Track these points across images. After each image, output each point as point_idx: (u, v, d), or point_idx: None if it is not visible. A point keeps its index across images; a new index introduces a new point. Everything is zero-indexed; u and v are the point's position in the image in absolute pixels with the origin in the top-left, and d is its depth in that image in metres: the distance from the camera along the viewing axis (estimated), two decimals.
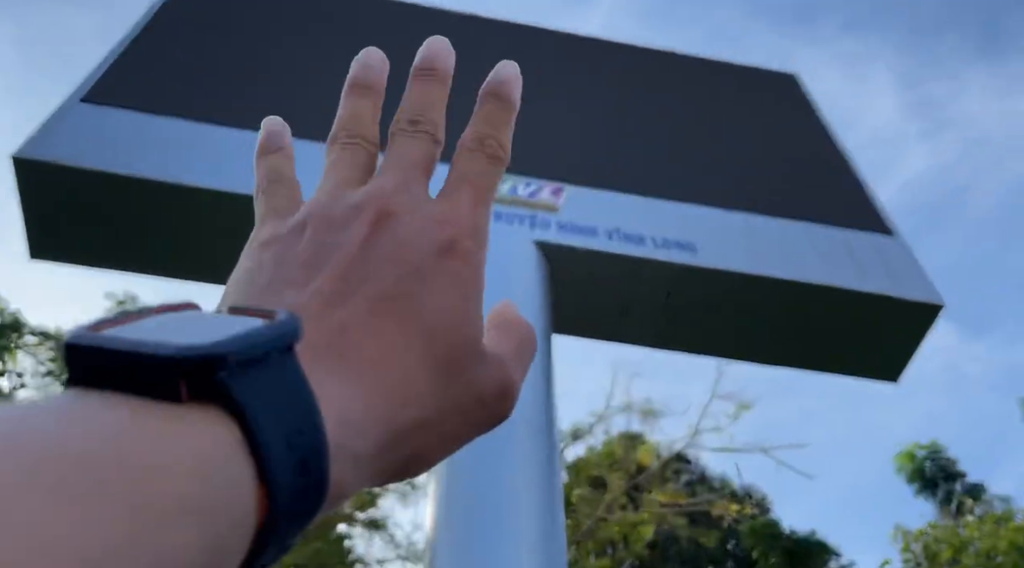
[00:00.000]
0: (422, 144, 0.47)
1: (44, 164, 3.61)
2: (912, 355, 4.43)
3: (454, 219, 0.43)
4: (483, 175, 0.46)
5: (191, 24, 5.00)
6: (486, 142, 0.47)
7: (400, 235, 0.41)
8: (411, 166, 0.45)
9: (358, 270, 0.39)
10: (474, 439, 0.43)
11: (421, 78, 0.50)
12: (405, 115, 0.48)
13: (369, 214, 0.41)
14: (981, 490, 18.75)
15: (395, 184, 0.44)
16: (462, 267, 0.41)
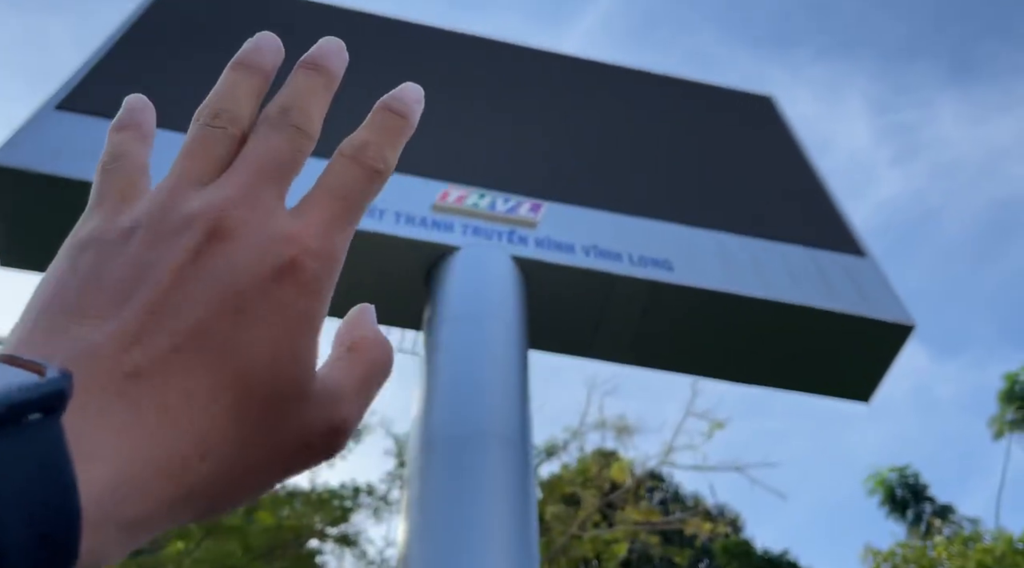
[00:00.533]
0: (287, 139, 0.42)
1: (17, 171, 3.57)
2: (883, 375, 4.48)
3: (301, 238, 0.38)
4: (352, 189, 0.41)
5: (168, 34, 4.99)
6: (367, 150, 0.42)
7: (230, 257, 0.36)
8: (266, 168, 0.40)
9: (172, 300, 0.35)
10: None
11: (306, 70, 0.45)
12: (276, 103, 0.43)
13: (200, 229, 0.37)
14: (950, 511, 18.94)
15: (239, 192, 0.39)
16: (296, 296, 0.37)
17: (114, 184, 0.41)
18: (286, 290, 0.37)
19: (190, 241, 0.36)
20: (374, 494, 14.68)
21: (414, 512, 2.88)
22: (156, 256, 0.36)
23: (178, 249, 0.36)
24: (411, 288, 3.99)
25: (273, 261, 0.37)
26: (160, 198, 0.39)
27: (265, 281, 0.36)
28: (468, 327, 3.50)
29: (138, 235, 0.37)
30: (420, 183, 4.13)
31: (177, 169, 0.41)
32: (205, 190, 0.39)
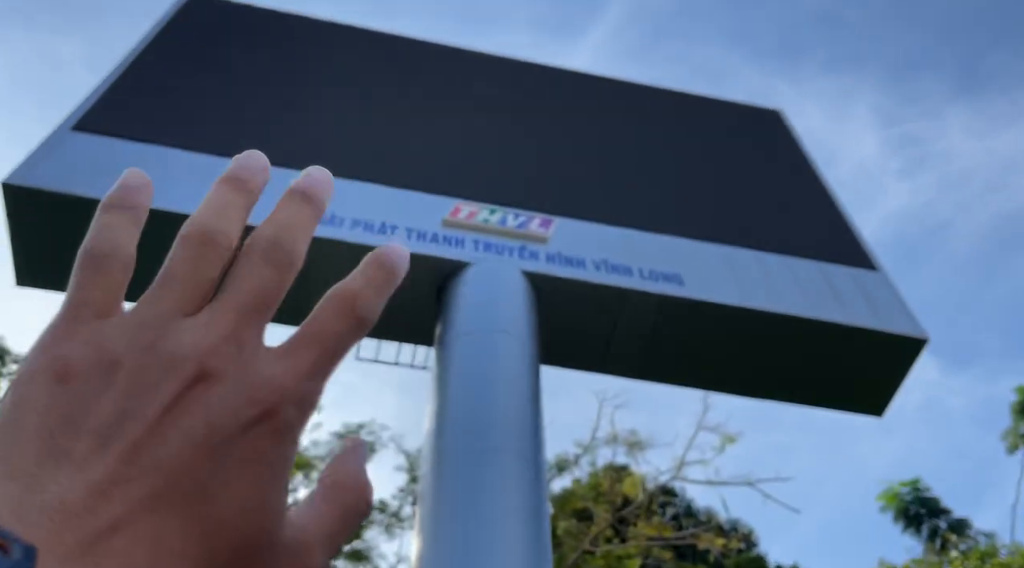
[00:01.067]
0: (275, 273, 0.41)
1: (34, 191, 3.62)
2: (896, 389, 4.46)
3: (281, 386, 0.38)
4: (339, 338, 0.41)
5: (181, 56, 5.05)
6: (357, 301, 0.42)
7: (212, 402, 0.36)
8: (253, 305, 0.40)
9: (150, 448, 0.34)
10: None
11: (297, 200, 0.44)
12: (264, 234, 0.42)
13: (185, 373, 0.36)
14: (965, 525, 18.75)
15: (226, 331, 0.38)
16: (270, 445, 0.37)
17: (94, 294, 0.40)
18: (262, 437, 0.37)
19: (174, 385, 0.36)
20: (386, 510, 14.65)
21: (427, 528, 2.88)
22: (138, 399, 0.35)
23: (162, 393, 0.36)
24: (422, 304, 4.01)
25: (253, 408, 0.37)
26: (145, 332, 0.38)
27: (244, 428, 0.36)
28: (480, 342, 3.51)
29: (120, 374, 0.36)
30: (431, 199, 4.15)
31: (162, 294, 0.40)
32: (191, 325, 0.39)
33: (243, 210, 0.44)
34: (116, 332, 0.38)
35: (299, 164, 4.31)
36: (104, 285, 0.41)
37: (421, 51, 5.74)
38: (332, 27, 5.67)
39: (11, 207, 3.62)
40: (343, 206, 3.99)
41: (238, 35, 5.23)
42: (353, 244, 3.83)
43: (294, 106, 4.69)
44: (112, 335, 0.38)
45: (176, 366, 0.37)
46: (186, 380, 0.36)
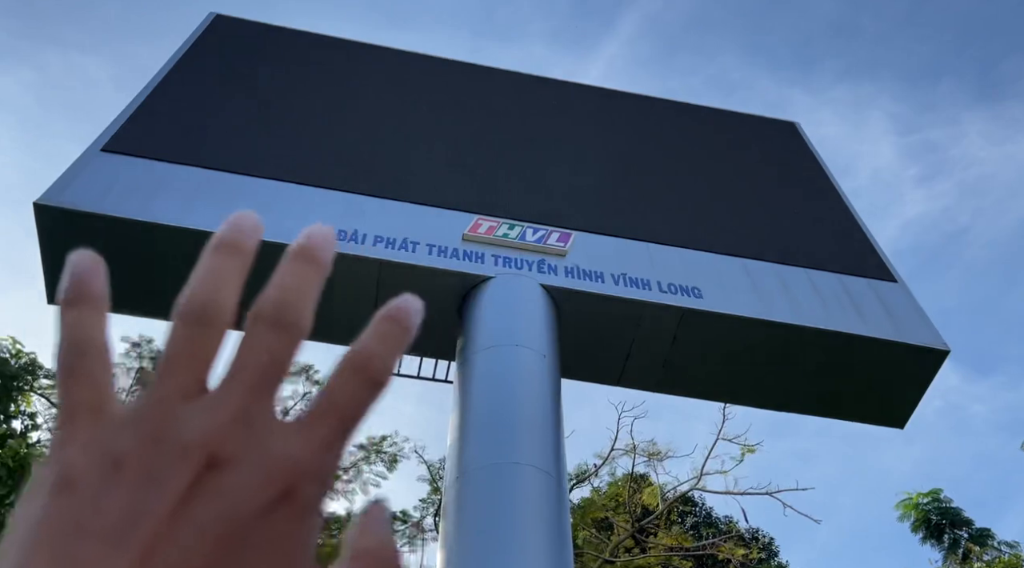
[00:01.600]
0: (280, 344, 0.39)
1: (65, 211, 3.70)
2: (918, 401, 4.45)
3: (299, 464, 0.37)
4: (357, 405, 0.39)
5: (205, 77, 5.14)
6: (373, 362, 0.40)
7: (229, 488, 0.35)
8: (262, 378, 0.38)
9: (168, 541, 0.33)
10: None
11: (300, 261, 0.42)
12: (269, 300, 0.40)
13: (196, 461, 0.35)
14: (988, 536, 18.53)
15: (236, 412, 0.37)
16: (293, 523, 0.36)
17: (83, 394, 0.38)
18: (284, 517, 0.36)
19: (184, 475, 0.34)
20: (408, 521, 14.69)
21: (451, 541, 2.92)
22: (147, 495, 0.34)
23: (172, 486, 0.34)
24: (444, 318, 4.06)
25: (272, 489, 0.35)
26: (147, 423, 0.36)
27: (263, 512, 0.35)
28: (501, 356, 3.55)
29: (126, 471, 0.35)
30: (451, 215, 4.21)
31: (163, 380, 0.38)
32: (198, 409, 0.37)
33: (238, 277, 0.42)
34: (117, 428, 0.36)
35: (323, 182, 4.39)
36: (89, 383, 0.38)
37: (439, 68, 5.81)
38: (352, 46, 5.75)
39: (43, 226, 3.71)
40: (365, 223, 4.05)
41: (261, 55, 5.32)
42: (375, 260, 3.89)
43: (316, 124, 4.76)
44: (113, 432, 0.36)
45: (184, 455, 0.35)
46: (196, 469, 0.35)
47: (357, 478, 14.50)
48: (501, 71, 5.99)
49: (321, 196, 4.09)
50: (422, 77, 5.60)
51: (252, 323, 0.40)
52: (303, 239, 0.43)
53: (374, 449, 14.71)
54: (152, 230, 3.70)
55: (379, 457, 14.72)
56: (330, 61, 5.48)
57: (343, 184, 4.20)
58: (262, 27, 5.65)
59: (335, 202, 4.07)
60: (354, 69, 5.48)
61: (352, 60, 5.59)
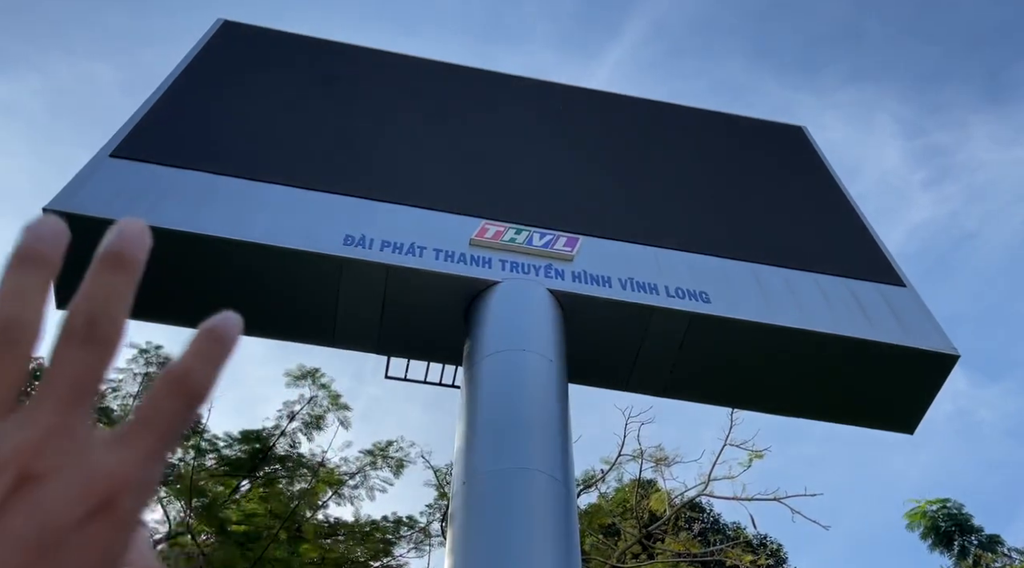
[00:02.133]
0: (96, 355, 0.39)
1: (73, 216, 3.70)
2: (927, 406, 4.42)
3: (117, 475, 0.37)
4: (173, 420, 0.39)
5: (213, 82, 5.15)
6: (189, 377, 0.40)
7: (43, 501, 0.35)
8: (76, 393, 0.38)
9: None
10: None
11: (107, 267, 0.41)
12: (79, 312, 0.39)
13: (6, 479, 0.35)
14: (998, 542, 18.41)
15: (50, 427, 0.36)
16: (109, 533, 0.36)
17: None
18: (100, 529, 0.36)
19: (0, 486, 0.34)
20: (415, 526, 14.69)
21: (459, 547, 2.91)
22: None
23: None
24: (451, 322, 4.05)
25: (88, 501, 0.36)
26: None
27: (79, 523, 0.35)
28: (508, 361, 3.54)
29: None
30: (457, 220, 4.21)
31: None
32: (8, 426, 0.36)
33: (42, 289, 0.40)
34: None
35: (330, 187, 4.40)
36: None
37: (446, 74, 5.82)
38: (359, 51, 5.76)
39: None
40: (372, 227, 4.05)
41: (269, 61, 5.34)
42: (383, 264, 3.89)
43: (323, 130, 4.77)
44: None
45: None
46: (9, 485, 0.35)
47: (364, 483, 14.49)
48: (507, 76, 6.00)
49: (328, 201, 4.09)
50: (428, 82, 5.61)
51: (63, 338, 0.39)
52: (111, 240, 0.41)
53: (380, 454, 14.71)
54: (160, 235, 3.71)
55: (385, 462, 14.71)
56: (337, 66, 5.49)
57: (350, 189, 4.21)
58: (270, 33, 5.67)
59: (342, 207, 4.08)
60: (361, 74, 5.49)
61: (359, 65, 5.60)
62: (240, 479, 13.33)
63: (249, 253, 3.77)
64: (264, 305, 3.93)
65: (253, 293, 3.89)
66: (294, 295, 3.92)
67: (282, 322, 4.07)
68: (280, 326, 4.10)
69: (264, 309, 3.96)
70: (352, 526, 13.90)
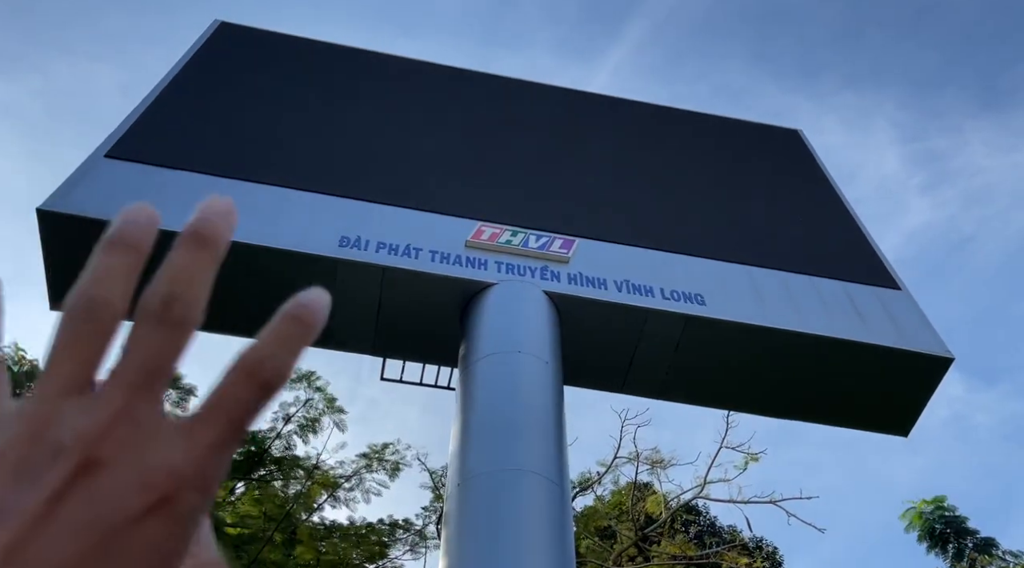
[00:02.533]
0: (170, 338, 0.37)
1: (68, 217, 3.70)
2: (922, 408, 4.43)
3: (180, 470, 0.35)
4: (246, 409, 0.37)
5: (209, 83, 5.15)
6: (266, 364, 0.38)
7: (101, 492, 0.34)
8: (146, 378, 0.37)
9: (32, 548, 0.32)
10: None
11: (189, 245, 0.40)
12: (158, 291, 0.38)
13: (70, 463, 0.34)
14: (993, 545, 18.43)
15: (116, 414, 0.35)
16: (167, 532, 0.35)
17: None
18: (158, 526, 0.34)
19: (59, 475, 0.33)
20: (410, 529, 14.67)
21: (453, 549, 2.90)
22: (19, 492, 0.33)
23: (45, 484, 0.33)
24: (446, 324, 4.05)
25: (148, 496, 0.34)
26: (29, 420, 0.35)
27: (137, 517, 0.34)
28: (503, 363, 3.54)
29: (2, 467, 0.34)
30: (454, 222, 4.20)
31: (49, 378, 0.37)
32: (79, 408, 0.36)
33: (130, 273, 0.39)
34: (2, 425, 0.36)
35: (326, 188, 4.39)
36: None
37: (443, 76, 5.82)
38: (355, 53, 5.76)
39: (46, 233, 3.71)
40: (368, 229, 4.05)
41: (265, 62, 5.33)
42: (378, 266, 3.89)
43: (319, 131, 4.77)
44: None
45: (60, 455, 0.34)
46: (72, 470, 0.34)
47: (359, 486, 14.48)
48: (504, 78, 6.00)
49: (324, 202, 4.09)
50: (425, 84, 5.62)
51: (138, 319, 0.38)
52: (194, 220, 0.41)
53: (376, 457, 14.70)
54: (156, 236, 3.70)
55: (381, 465, 14.69)
56: (333, 68, 5.49)
57: (346, 190, 4.21)
58: (267, 35, 5.66)
59: (338, 208, 4.07)
60: (357, 76, 5.49)
61: (355, 67, 5.60)
62: (235, 481, 13.31)
63: (244, 254, 3.76)
64: (259, 306, 3.93)
65: (248, 294, 3.88)
66: (288, 297, 3.91)
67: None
68: None
69: (259, 310, 3.95)
70: (347, 529, 13.88)
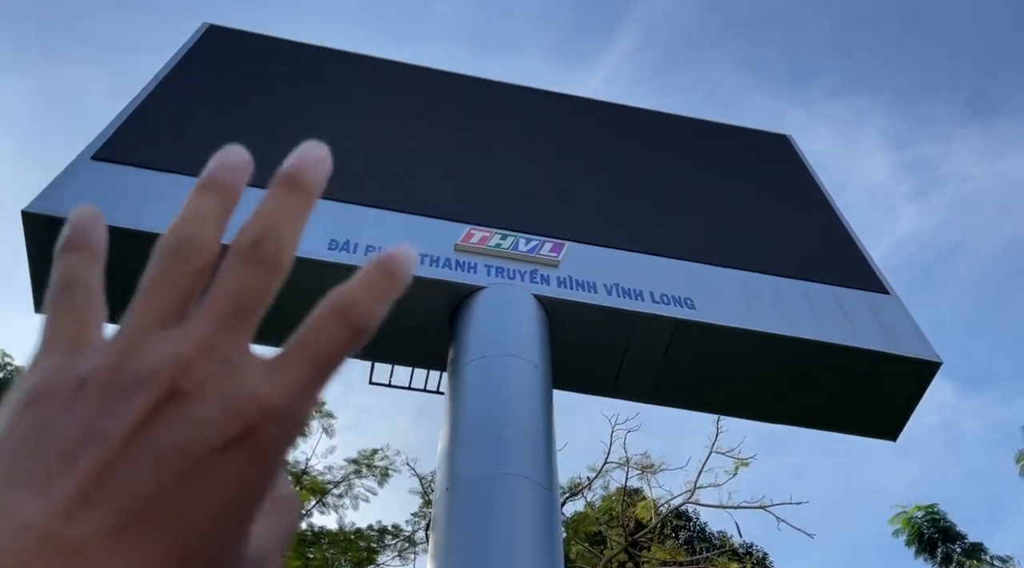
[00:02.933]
0: (257, 277, 0.38)
1: (53, 219, 3.67)
2: (910, 413, 4.44)
3: (264, 403, 0.35)
4: (334, 350, 0.38)
5: (198, 85, 5.13)
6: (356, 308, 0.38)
7: (187, 420, 0.34)
8: (233, 313, 0.37)
9: (120, 467, 0.32)
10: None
11: (284, 188, 0.40)
12: (249, 232, 0.39)
13: (157, 389, 0.34)
14: (980, 550, 18.51)
15: (204, 343, 0.36)
16: (250, 465, 0.35)
17: (65, 325, 0.38)
18: (241, 458, 0.34)
19: (145, 402, 0.34)
20: (399, 535, 14.61)
21: (441, 554, 2.88)
22: (106, 417, 0.34)
23: (130, 410, 0.34)
24: (435, 328, 4.03)
25: (232, 426, 0.34)
26: (117, 348, 0.36)
27: (221, 447, 0.34)
28: (492, 366, 3.53)
29: (89, 391, 0.34)
30: (443, 225, 4.19)
31: (137, 311, 0.37)
32: (167, 339, 0.36)
33: (221, 215, 0.41)
34: (90, 355, 0.36)
35: None
36: (70, 324, 0.38)
37: (433, 80, 5.81)
38: (346, 56, 5.75)
39: (31, 235, 3.68)
40: (357, 232, 4.03)
41: (254, 64, 5.31)
42: None
43: (308, 133, 4.74)
44: (86, 357, 0.36)
45: (148, 381, 0.34)
46: (158, 396, 0.34)
47: (348, 492, 14.41)
48: (494, 82, 6.00)
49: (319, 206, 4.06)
50: (415, 88, 5.61)
51: (229, 257, 0.39)
52: (290, 160, 0.41)
53: (365, 462, 14.63)
54: (142, 239, 3.67)
55: (370, 471, 14.63)
56: (323, 71, 5.48)
57: (335, 193, 4.19)
58: (256, 38, 5.64)
59: (327, 211, 4.06)
60: (347, 79, 5.48)
61: (345, 70, 5.59)
62: None
63: None
64: None
65: None
66: (276, 300, 3.89)
67: (263, 328, 4.04)
68: (261, 332, 4.07)
69: None
70: (336, 535, 13.81)
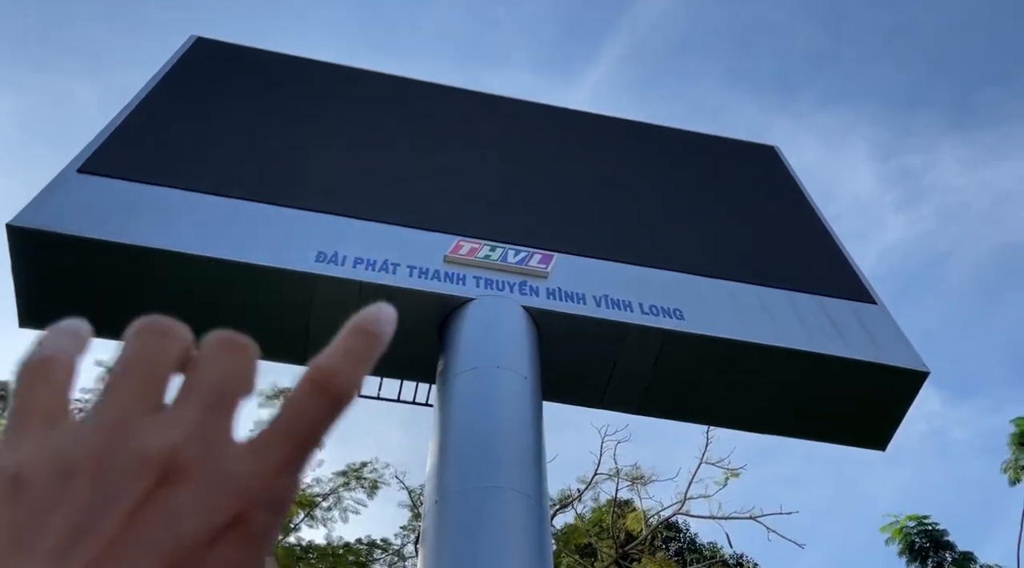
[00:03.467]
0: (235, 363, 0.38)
1: (38, 232, 3.63)
2: (898, 422, 4.45)
3: (253, 487, 0.35)
4: (317, 424, 0.37)
5: (185, 99, 5.11)
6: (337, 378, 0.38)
7: (180, 505, 0.34)
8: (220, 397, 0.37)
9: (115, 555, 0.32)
10: None
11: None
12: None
13: (152, 473, 0.34)
14: (971, 559, 18.55)
15: (193, 428, 0.35)
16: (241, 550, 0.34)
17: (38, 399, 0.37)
18: (233, 544, 0.34)
19: (138, 491, 0.33)
20: (388, 549, 14.52)
21: (430, 566, 2.86)
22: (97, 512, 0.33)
23: (123, 502, 0.33)
24: (424, 340, 4.02)
25: (222, 515, 0.34)
26: (102, 435, 0.35)
27: (213, 533, 0.34)
28: (481, 378, 3.52)
29: (76, 483, 0.33)
30: (432, 237, 4.19)
31: (119, 392, 0.37)
32: (154, 422, 0.35)
33: None
34: (70, 437, 0.35)
35: (303, 204, 4.36)
36: (50, 391, 0.37)
37: (421, 92, 5.82)
38: (333, 69, 5.75)
39: (15, 249, 3.65)
40: (346, 244, 4.02)
41: (241, 77, 5.30)
42: (356, 281, 3.86)
43: (296, 146, 4.74)
44: (66, 440, 0.35)
45: (139, 470, 0.34)
46: (149, 485, 0.33)
47: (337, 505, 14.32)
48: (483, 94, 6.01)
49: (301, 218, 4.06)
50: (403, 100, 5.61)
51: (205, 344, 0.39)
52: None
53: (354, 475, 14.55)
54: (128, 252, 3.65)
55: (359, 483, 14.55)
56: (311, 83, 5.48)
57: (324, 206, 4.18)
58: (244, 50, 5.64)
59: (315, 224, 4.05)
60: (335, 91, 5.48)
61: (333, 82, 5.59)
62: None
63: (220, 270, 3.72)
64: (235, 322, 3.87)
65: (224, 310, 3.83)
66: (265, 312, 3.87)
67: (253, 340, 4.01)
68: (254, 338, 4.05)
69: (235, 327, 3.90)
70: (325, 549, 13.72)
